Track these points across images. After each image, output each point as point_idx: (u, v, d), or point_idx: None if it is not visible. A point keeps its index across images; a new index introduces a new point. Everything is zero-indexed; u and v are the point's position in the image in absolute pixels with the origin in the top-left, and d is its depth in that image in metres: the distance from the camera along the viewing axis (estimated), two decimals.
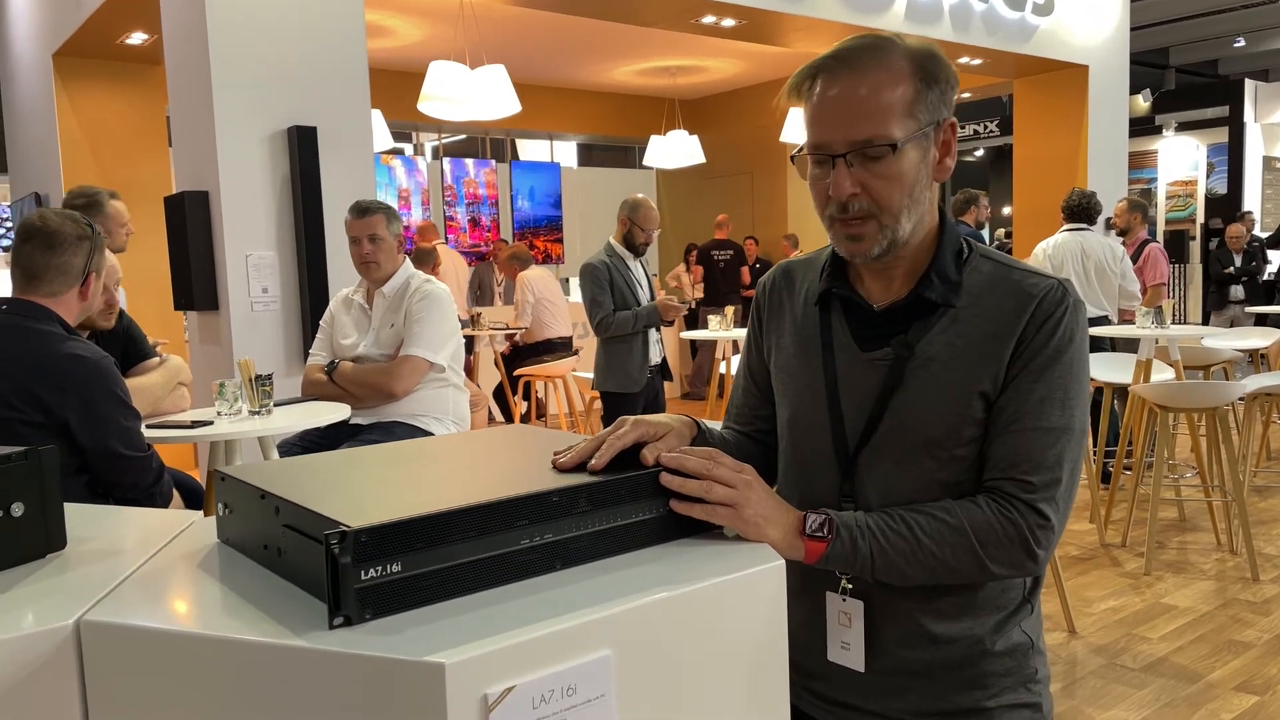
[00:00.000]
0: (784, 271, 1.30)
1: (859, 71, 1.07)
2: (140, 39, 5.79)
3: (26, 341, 1.98)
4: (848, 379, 1.16)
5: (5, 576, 0.87)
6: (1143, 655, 3.05)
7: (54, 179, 6.42)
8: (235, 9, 3.95)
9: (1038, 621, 1.18)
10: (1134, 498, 4.31)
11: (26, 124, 7.28)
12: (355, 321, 3.05)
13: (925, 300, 1.13)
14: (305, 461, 1.01)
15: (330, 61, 4.17)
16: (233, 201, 4.01)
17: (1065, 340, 1.08)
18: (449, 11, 6.67)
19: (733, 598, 0.83)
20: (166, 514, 1.12)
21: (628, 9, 5.89)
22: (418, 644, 0.68)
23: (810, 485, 1.19)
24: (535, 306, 6.41)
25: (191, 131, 4.19)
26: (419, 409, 2.93)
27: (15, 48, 7.41)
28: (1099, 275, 5.20)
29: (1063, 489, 1.07)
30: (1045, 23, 7.44)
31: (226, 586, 0.83)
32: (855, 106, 1.06)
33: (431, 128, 10.11)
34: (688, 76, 9.80)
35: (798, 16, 6.14)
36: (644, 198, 4.14)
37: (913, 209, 1.10)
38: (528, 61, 8.75)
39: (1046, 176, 7.96)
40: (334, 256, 4.11)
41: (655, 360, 4.11)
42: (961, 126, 13.03)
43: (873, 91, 1.06)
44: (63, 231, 2.07)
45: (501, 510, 0.81)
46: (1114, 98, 8.06)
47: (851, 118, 1.06)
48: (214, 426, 2.49)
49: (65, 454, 1.97)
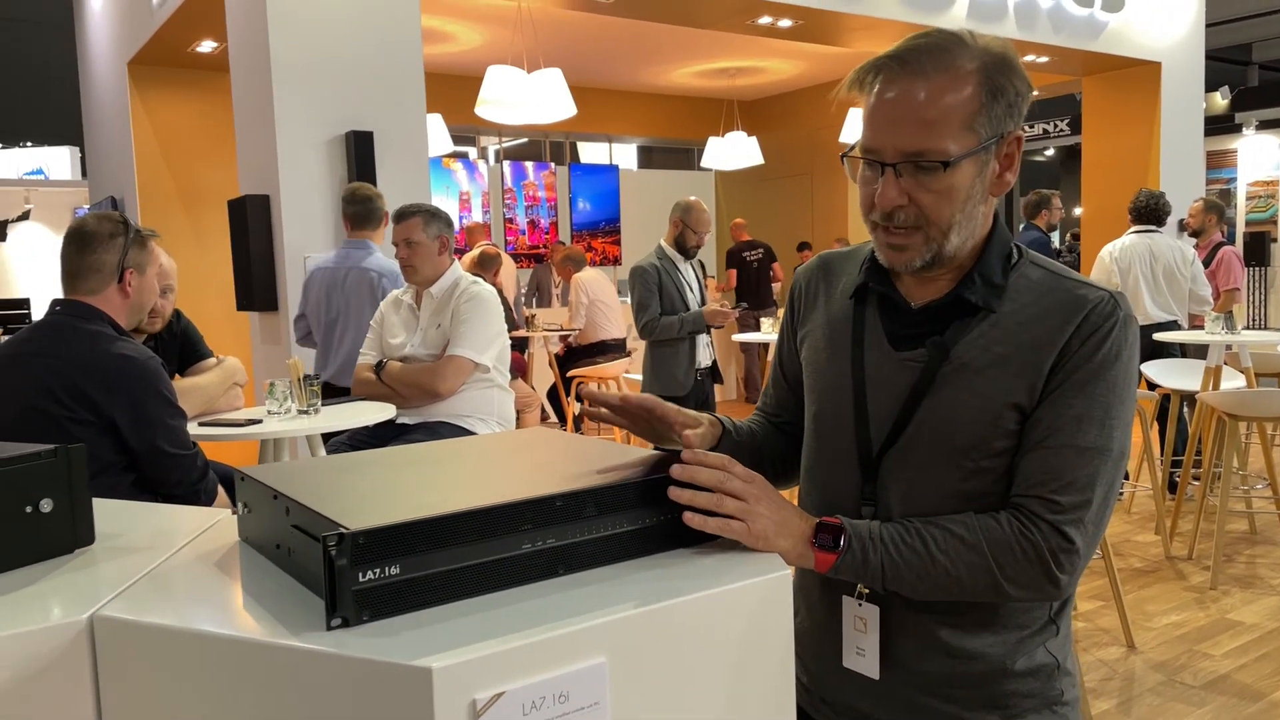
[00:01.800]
0: (822, 264, 1.26)
1: (919, 75, 1.01)
2: (210, 47, 5.96)
3: (76, 341, 2.04)
4: (877, 378, 1.12)
5: (32, 571, 0.90)
6: (1204, 672, 2.94)
7: (129, 183, 6.65)
8: (295, 17, 4.04)
9: (1065, 642, 1.14)
10: (1201, 509, 4.16)
11: (105, 130, 7.55)
12: (404, 322, 3.10)
13: (965, 301, 1.07)
14: (325, 462, 1.03)
15: (387, 68, 4.24)
16: (292, 205, 4.10)
17: (1111, 356, 1.02)
18: (508, 16, 6.74)
19: (735, 607, 0.82)
20: (195, 511, 1.14)
21: (684, 11, 5.88)
22: (409, 647, 0.69)
23: (831, 484, 1.16)
24: (589, 308, 6.44)
25: (254, 136, 4.30)
26: (464, 409, 2.96)
27: (94, 58, 7.69)
28: (1168, 279, 5.04)
29: (1093, 512, 1.01)
30: (1115, 19, 7.23)
31: (238, 585, 0.85)
32: (910, 114, 1.01)
33: (492, 132, 10.23)
34: (746, 78, 9.75)
35: (856, 16, 6.06)
36: (696, 200, 4.13)
37: (964, 224, 1.05)
38: (586, 64, 8.80)
39: (1117, 177, 7.74)
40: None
41: (705, 363, 4.10)
42: (1030, 125, 12.73)
43: (931, 100, 1.00)
44: (95, 230, 2.12)
45: (502, 514, 0.81)
46: (1188, 95, 7.80)
47: (905, 126, 1.01)
48: (261, 425, 2.55)
49: (113, 452, 2.03)
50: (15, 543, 0.91)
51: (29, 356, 2.04)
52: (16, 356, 2.06)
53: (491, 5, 6.46)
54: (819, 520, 1.01)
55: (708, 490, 0.89)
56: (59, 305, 2.12)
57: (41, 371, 2.01)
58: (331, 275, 3.66)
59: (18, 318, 10.44)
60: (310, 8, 4.07)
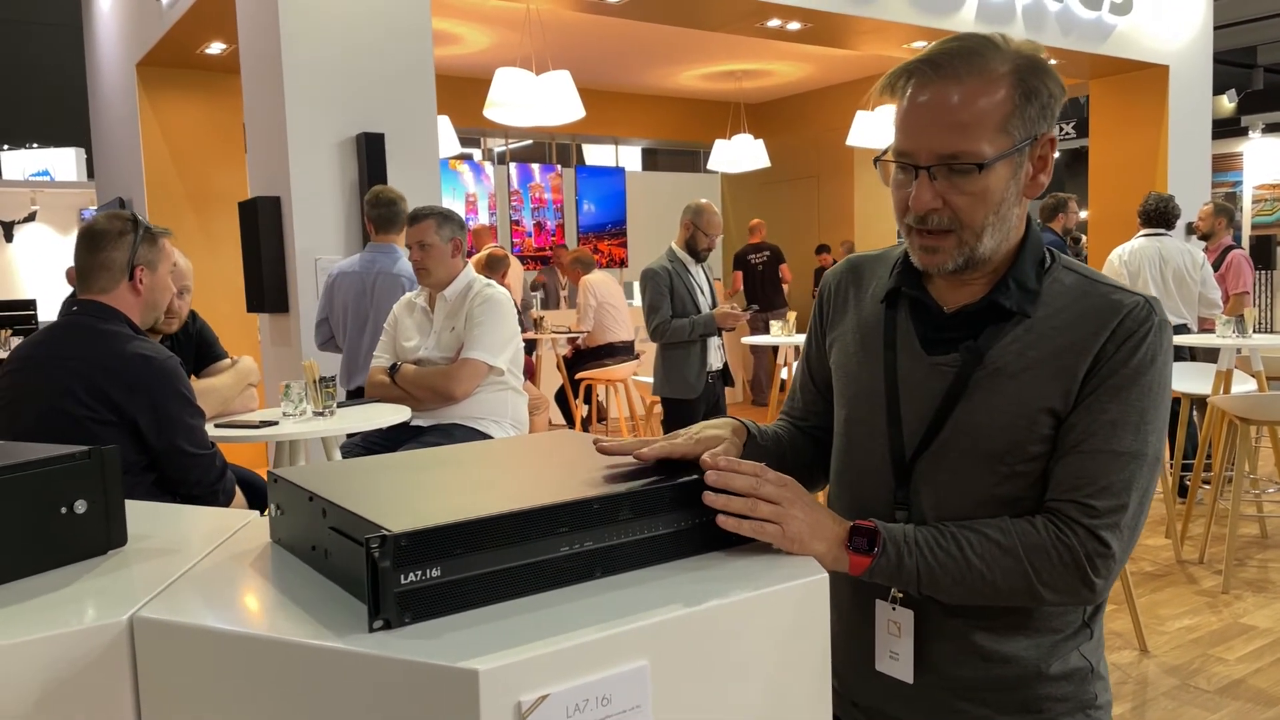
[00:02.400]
0: (851, 267, 1.25)
1: (952, 79, 1.01)
2: (219, 49, 5.97)
3: (96, 341, 2.05)
4: (910, 383, 1.11)
5: (67, 572, 0.90)
6: (1218, 677, 2.93)
7: (137, 185, 6.66)
8: (307, 19, 4.05)
9: (1099, 646, 1.14)
10: (1212, 513, 4.15)
11: (112, 132, 7.57)
12: (418, 324, 3.10)
13: (999, 306, 1.07)
14: (356, 464, 1.03)
15: (398, 70, 4.25)
16: (303, 206, 4.11)
17: (1147, 361, 1.02)
18: (516, 19, 6.74)
19: (774, 610, 0.82)
20: (224, 513, 1.14)
21: (693, 14, 5.88)
22: (454, 649, 0.69)
23: (863, 490, 1.16)
24: (597, 310, 6.44)
25: (265, 138, 4.31)
26: (478, 411, 2.96)
27: (102, 59, 7.71)
28: (1178, 282, 5.03)
29: (1129, 517, 1.01)
30: (1123, 22, 7.23)
31: (275, 586, 0.85)
32: (944, 117, 1.01)
33: (499, 134, 10.24)
34: (753, 80, 9.75)
35: (865, 19, 6.06)
36: (707, 203, 4.13)
37: (998, 226, 1.05)
38: (593, 67, 8.80)
39: (1124, 180, 7.73)
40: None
41: (716, 366, 4.09)
42: None
43: (965, 103, 1.01)
44: (105, 229, 2.13)
45: (542, 517, 0.81)
46: (1196, 99, 7.79)
47: (939, 129, 1.01)
48: (278, 427, 2.55)
49: (134, 451, 2.04)
50: (50, 544, 0.91)
51: (49, 358, 2.05)
52: (37, 358, 2.07)
53: (499, 7, 6.46)
54: (853, 523, 1.01)
55: (741, 495, 0.89)
56: (76, 305, 2.13)
57: (62, 372, 2.01)
58: (359, 280, 3.64)
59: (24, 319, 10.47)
60: (322, 10, 4.08)
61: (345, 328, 3.66)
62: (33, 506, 0.90)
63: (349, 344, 3.66)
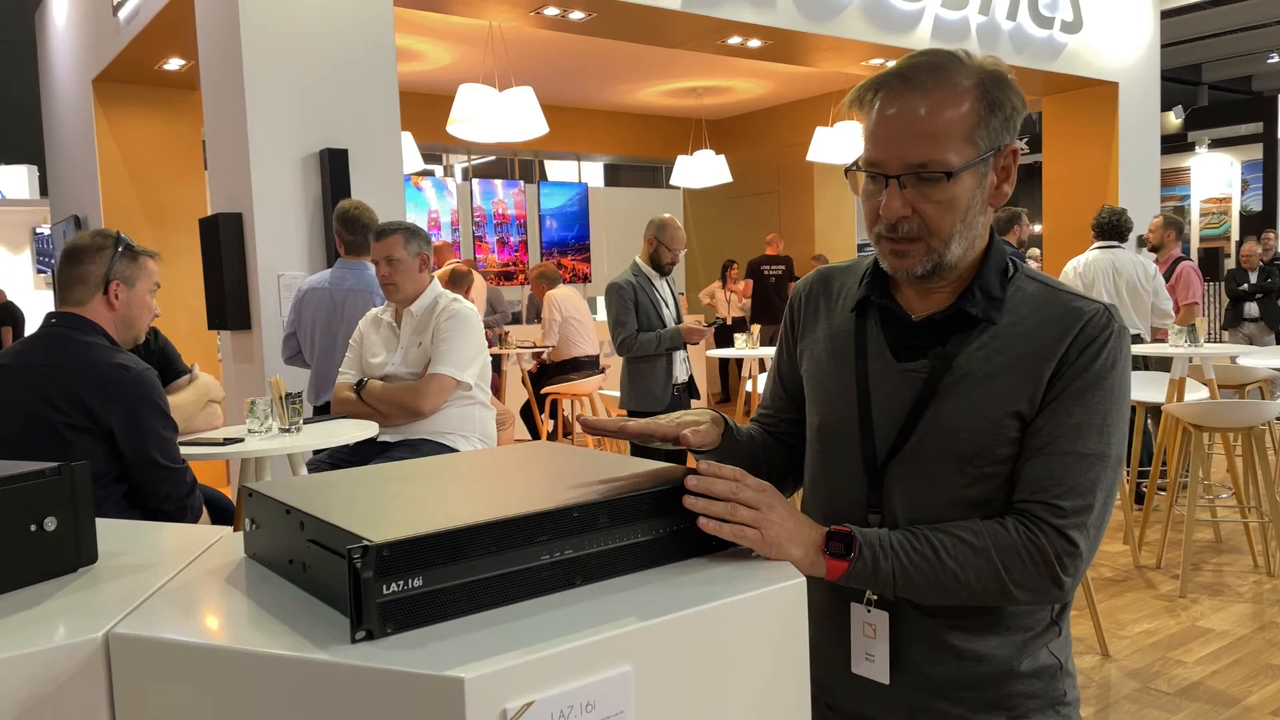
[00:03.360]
0: (821, 278, 1.29)
1: (920, 91, 1.05)
2: (177, 65, 5.91)
3: (73, 350, 2.07)
4: (881, 389, 1.14)
5: (37, 590, 0.89)
6: (1178, 679, 2.99)
7: (93, 202, 6.56)
8: (268, 35, 4.02)
9: (1066, 644, 1.17)
10: (1168, 519, 4.23)
11: (67, 148, 7.45)
12: (384, 340, 3.09)
13: (966, 314, 1.11)
14: (331, 478, 1.03)
15: (361, 86, 4.24)
16: (266, 223, 4.07)
17: (1108, 366, 1.06)
18: (479, 35, 6.75)
19: (754, 615, 0.83)
20: (196, 529, 1.13)
21: (655, 31, 5.93)
22: (438, 658, 0.69)
23: (837, 494, 1.18)
24: (562, 325, 6.44)
25: (226, 154, 4.27)
26: (446, 426, 2.95)
27: (56, 73, 7.59)
28: (1131, 293, 5.15)
29: (1094, 516, 1.05)
30: (1073, 40, 7.40)
31: (253, 601, 0.84)
32: (913, 128, 1.04)
33: (461, 150, 10.22)
34: (714, 97, 9.84)
35: (824, 36, 6.15)
36: (670, 218, 4.16)
37: (964, 234, 1.08)
38: (556, 83, 8.83)
39: (1076, 194, 7.90)
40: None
41: (681, 379, 4.12)
42: None
43: (932, 113, 1.04)
44: (85, 244, 2.17)
45: (522, 526, 0.81)
46: (1145, 115, 7.99)
47: (908, 139, 1.04)
48: (244, 444, 2.52)
49: (107, 460, 2.05)
50: (20, 561, 0.90)
51: (27, 366, 2.07)
52: (15, 366, 2.09)
53: (462, 24, 6.47)
54: (829, 529, 1.03)
55: (722, 500, 0.90)
56: (54, 318, 2.15)
57: (38, 379, 2.03)
58: (329, 296, 3.62)
59: None
60: (283, 25, 4.06)
61: (314, 343, 3.63)
62: (2, 524, 0.88)
63: (318, 360, 3.63)
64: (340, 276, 3.64)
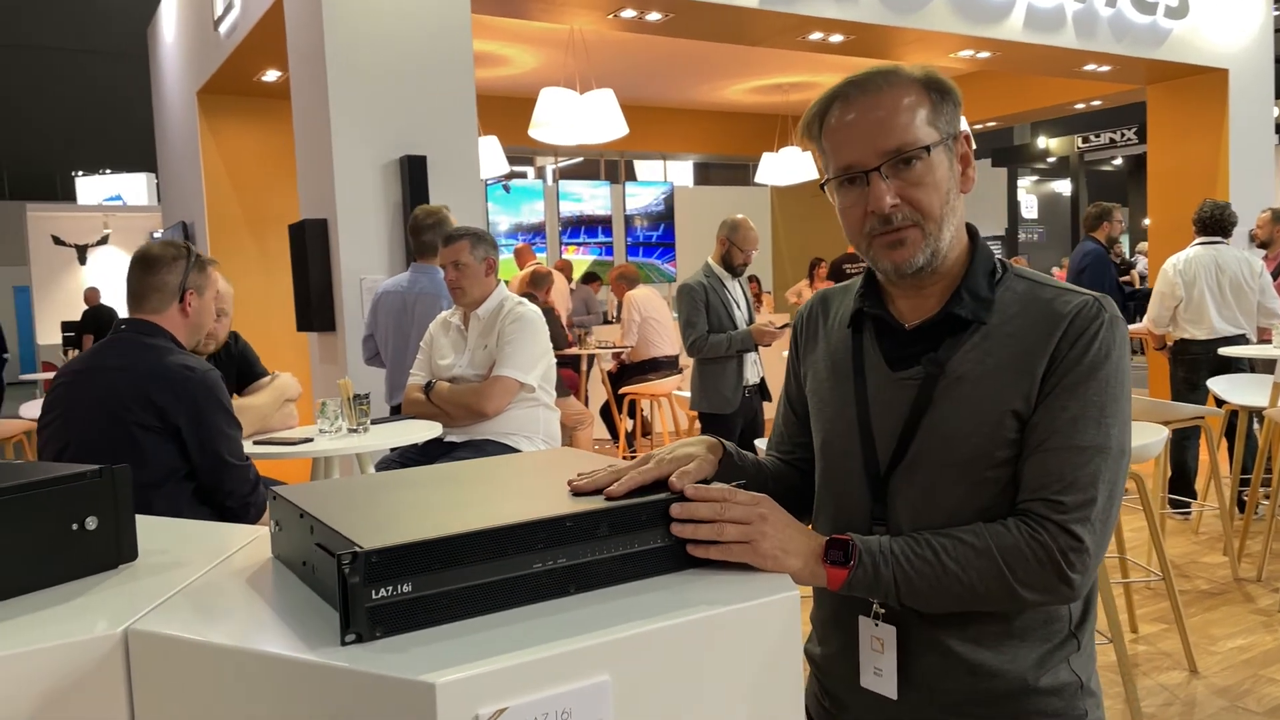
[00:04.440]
0: (821, 299, 1.31)
1: (873, 94, 1.09)
2: (274, 76, 6.15)
3: (143, 353, 2.19)
4: (879, 400, 1.15)
5: (75, 585, 0.95)
6: (1269, 699, 2.84)
7: (198, 209, 6.89)
8: (351, 46, 4.16)
9: (1088, 660, 1.13)
10: (1271, 528, 4.01)
11: (176, 157, 7.83)
12: (452, 343, 3.16)
13: (956, 317, 1.11)
14: (352, 483, 1.07)
15: (440, 94, 4.34)
16: (348, 228, 4.21)
17: (1101, 356, 1.05)
18: (561, 39, 6.84)
19: (742, 627, 0.83)
20: (236, 529, 1.19)
21: (735, 30, 5.91)
22: (415, 663, 0.71)
23: (841, 508, 1.18)
24: (641, 325, 6.47)
25: (313, 162, 4.43)
26: (510, 428, 3.01)
27: (166, 86, 7.99)
28: (1235, 292, 4.90)
29: (1098, 509, 1.02)
30: (1179, 26, 7.07)
31: (265, 601, 0.88)
32: (879, 121, 1.08)
33: (549, 152, 10.37)
34: (800, 93, 9.74)
35: (908, 29, 6.02)
36: (743, 218, 4.14)
37: (950, 218, 1.11)
38: (641, 83, 8.87)
39: (1184, 187, 7.54)
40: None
41: (753, 380, 4.09)
42: (1095, 135, 12.46)
43: (893, 106, 1.09)
44: (160, 254, 2.28)
45: (513, 534, 0.83)
46: (1257, 103, 7.58)
47: (877, 131, 1.08)
48: (313, 444, 2.63)
49: (178, 459, 2.16)
50: (62, 558, 0.96)
51: (101, 369, 2.19)
52: (91, 370, 2.21)
53: (546, 29, 6.56)
54: (829, 537, 1.02)
55: (708, 522, 0.90)
56: (124, 324, 2.27)
57: (110, 381, 2.15)
58: (401, 299, 3.74)
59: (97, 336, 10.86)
60: (365, 37, 4.19)
61: (388, 345, 3.74)
62: (46, 523, 0.95)
63: (391, 361, 3.74)
64: (413, 279, 3.75)
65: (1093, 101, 9.53)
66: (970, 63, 7.06)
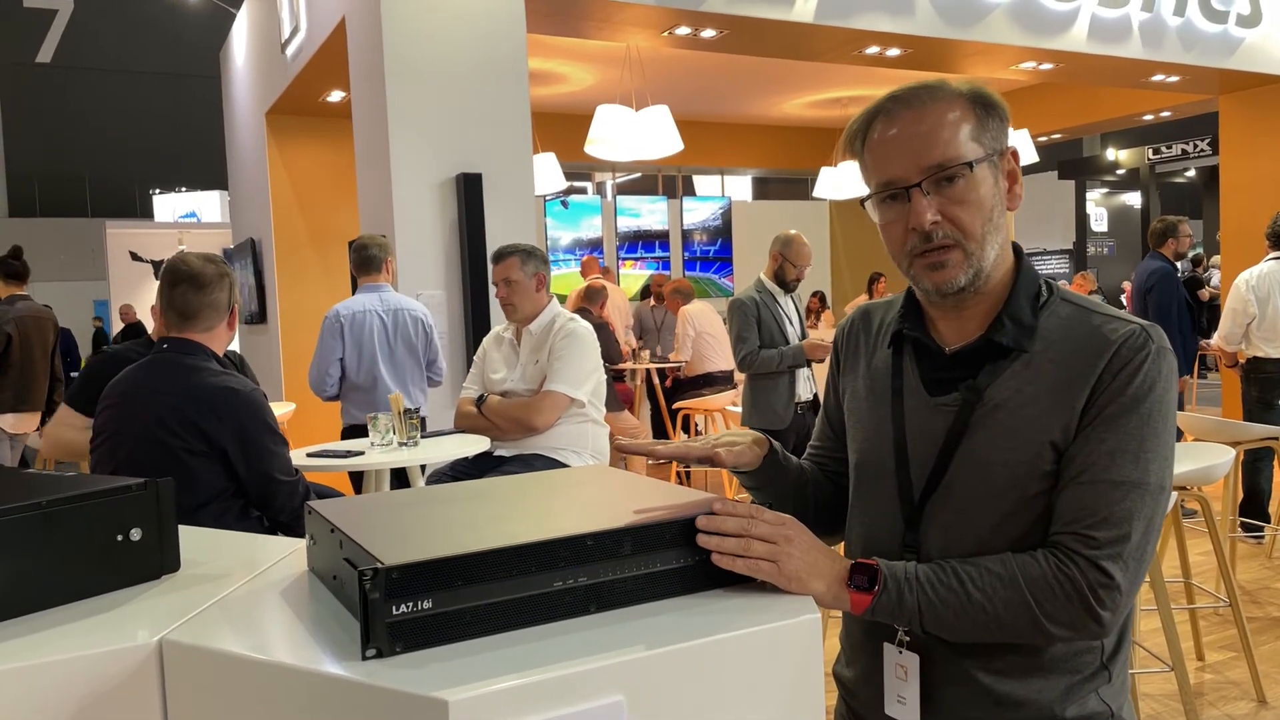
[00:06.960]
0: (863, 314, 1.29)
1: (916, 108, 1.08)
2: (338, 97, 6.31)
3: (186, 376, 2.18)
4: (915, 425, 1.13)
5: (118, 595, 0.98)
6: None
7: (265, 226, 7.08)
8: (411, 67, 4.25)
9: (1121, 691, 1.09)
10: None
11: (246, 176, 8.07)
12: (505, 357, 3.20)
13: (996, 344, 1.08)
14: (385, 498, 1.08)
15: (495, 114, 4.41)
16: (406, 244, 4.29)
17: (1144, 389, 1.01)
18: (618, 56, 6.89)
19: (761, 650, 0.82)
20: (276, 541, 1.21)
21: (788, 45, 5.89)
22: (431, 679, 0.72)
23: (874, 533, 1.16)
24: (695, 340, 6.47)
25: (372, 180, 4.53)
26: (559, 443, 3.03)
27: (237, 106, 8.24)
28: None
29: (1132, 547, 0.99)
30: (1251, 34, 6.86)
31: (295, 613, 0.90)
32: (921, 135, 1.06)
33: (607, 168, 10.44)
34: (858, 106, 9.49)
35: (969, 42, 5.94)
36: (797, 234, 4.12)
37: (994, 235, 1.09)
38: (698, 99, 8.89)
39: (1260, 200, 7.30)
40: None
41: (805, 397, 4.06)
42: (1167, 146, 12.12)
43: (936, 121, 1.07)
44: (207, 272, 2.26)
45: (533, 552, 0.83)
46: None
47: (920, 147, 1.06)
48: (364, 457, 2.68)
49: (225, 479, 2.17)
50: (107, 569, 0.99)
51: (142, 392, 2.19)
52: (132, 393, 2.21)
53: (602, 46, 6.62)
54: (855, 561, 1.01)
55: (735, 536, 0.90)
56: (165, 344, 2.26)
57: (155, 405, 2.15)
58: (380, 319, 3.91)
59: None
60: (423, 58, 4.28)
61: (361, 366, 3.88)
62: (91, 534, 0.98)
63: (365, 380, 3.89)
64: (383, 298, 3.98)
65: (1162, 112, 9.27)
66: (1033, 74, 6.93)
